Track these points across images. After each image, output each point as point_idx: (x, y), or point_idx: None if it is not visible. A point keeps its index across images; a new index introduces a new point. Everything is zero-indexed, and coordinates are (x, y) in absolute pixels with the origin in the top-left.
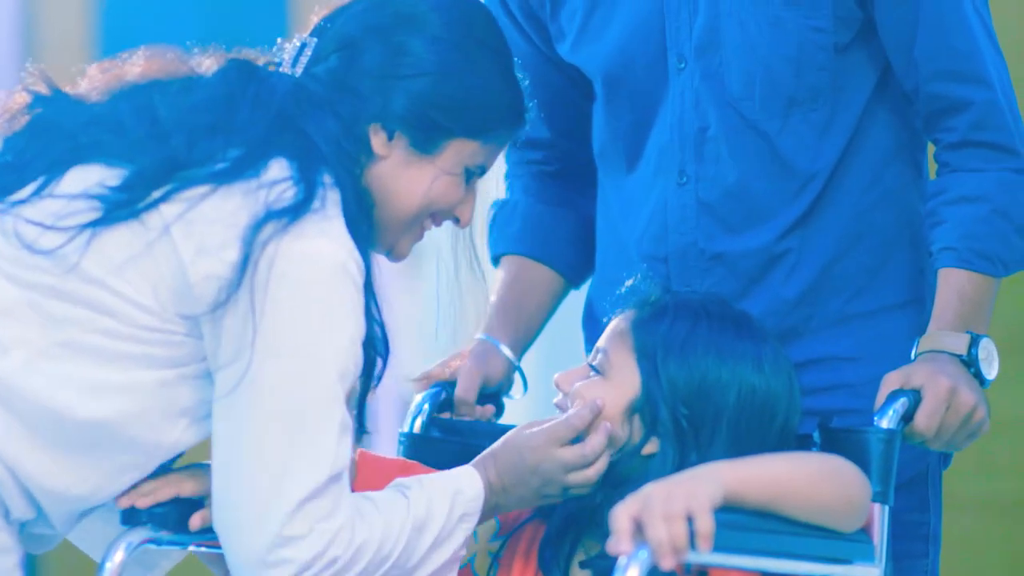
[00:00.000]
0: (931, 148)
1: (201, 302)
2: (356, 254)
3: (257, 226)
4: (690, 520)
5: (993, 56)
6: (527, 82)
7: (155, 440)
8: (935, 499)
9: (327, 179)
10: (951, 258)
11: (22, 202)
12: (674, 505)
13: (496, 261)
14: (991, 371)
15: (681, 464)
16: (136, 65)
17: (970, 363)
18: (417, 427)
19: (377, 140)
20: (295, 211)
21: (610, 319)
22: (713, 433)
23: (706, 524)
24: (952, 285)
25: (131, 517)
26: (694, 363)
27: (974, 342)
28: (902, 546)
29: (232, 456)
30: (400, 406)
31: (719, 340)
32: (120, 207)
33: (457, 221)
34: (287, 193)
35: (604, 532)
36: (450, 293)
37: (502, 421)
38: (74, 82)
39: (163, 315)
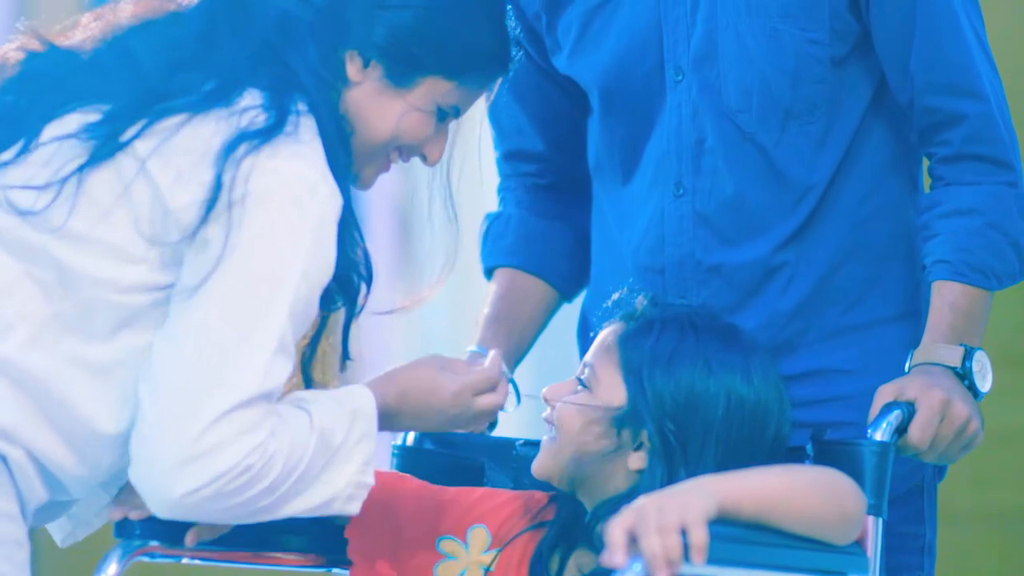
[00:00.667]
0: (925, 162)
1: (182, 228)
2: (331, 180)
3: (230, 146)
4: (684, 533)
5: (988, 70)
6: (518, 31)
7: None
8: (931, 511)
9: (301, 106)
10: (945, 271)
11: (7, 163)
12: (668, 517)
13: (489, 274)
14: (985, 384)
15: (670, 479)
16: (127, 8)
17: (964, 375)
18: (410, 440)
19: (352, 66)
20: (267, 133)
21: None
22: (702, 447)
23: (700, 536)
24: (946, 298)
25: (124, 529)
26: (681, 377)
27: (968, 355)
28: (898, 559)
29: (169, 357)
30: None
31: (706, 353)
32: (102, 143)
33: (425, 159)
34: (259, 118)
35: (596, 547)
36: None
37: (495, 434)
38: (68, 33)
39: (150, 263)
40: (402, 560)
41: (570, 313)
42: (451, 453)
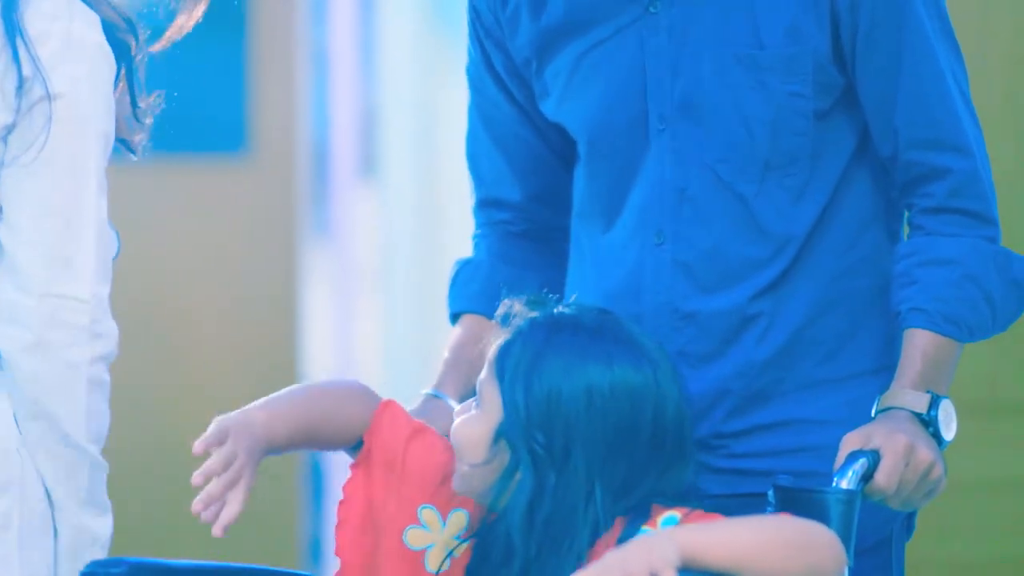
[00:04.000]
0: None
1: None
2: None
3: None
4: None
5: (972, 126)
6: (504, 77)
7: None
8: (897, 562)
9: None
10: (919, 319)
11: None
12: (633, 566)
13: (454, 319)
14: (949, 432)
15: (539, 486)
16: None
17: (929, 423)
18: None
19: None
20: None
21: None
22: (567, 447)
23: None
24: (917, 346)
25: None
26: (540, 384)
27: (934, 402)
28: None
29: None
30: None
31: (568, 350)
32: None
33: None
34: None
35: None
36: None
37: None
38: None
39: None
40: (390, 490)
41: None
42: None
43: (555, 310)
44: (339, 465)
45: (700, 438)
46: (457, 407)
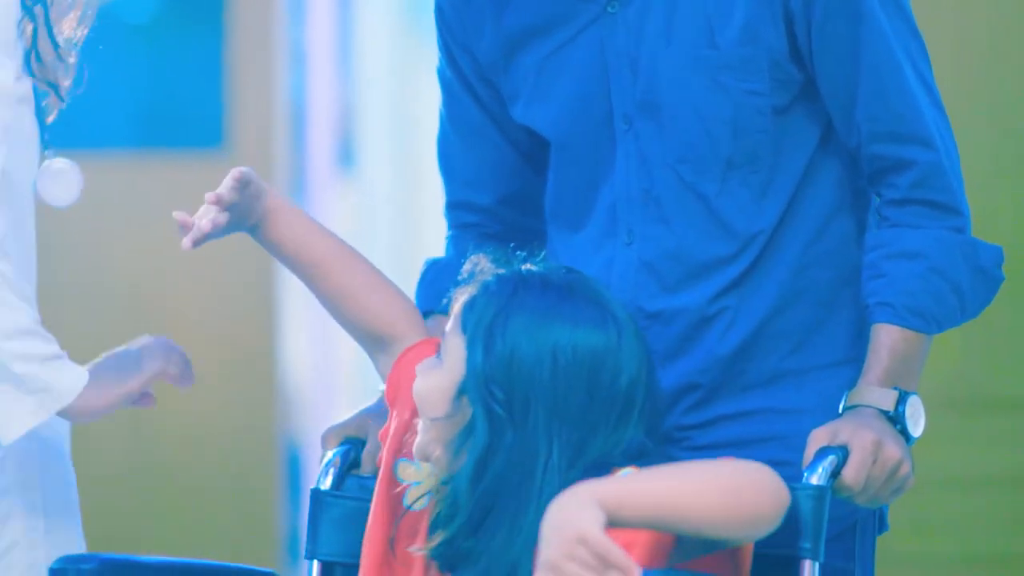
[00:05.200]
0: None
1: None
2: None
3: None
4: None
5: (935, 116)
6: (473, 81)
7: None
8: (863, 549)
9: None
10: (887, 314)
11: None
12: (559, 549)
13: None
14: (916, 429)
15: (494, 443)
16: None
17: (896, 419)
18: (327, 484)
19: None
20: None
21: None
22: (526, 406)
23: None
24: (884, 341)
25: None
26: (503, 341)
27: (902, 399)
28: None
29: None
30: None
31: (534, 309)
32: None
33: None
34: None
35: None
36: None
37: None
38: None
39: None
40: (401, 410)
41: None
42: (370, 499)
43: (523, 267)
44: (316, 462)
45: (664, 431)
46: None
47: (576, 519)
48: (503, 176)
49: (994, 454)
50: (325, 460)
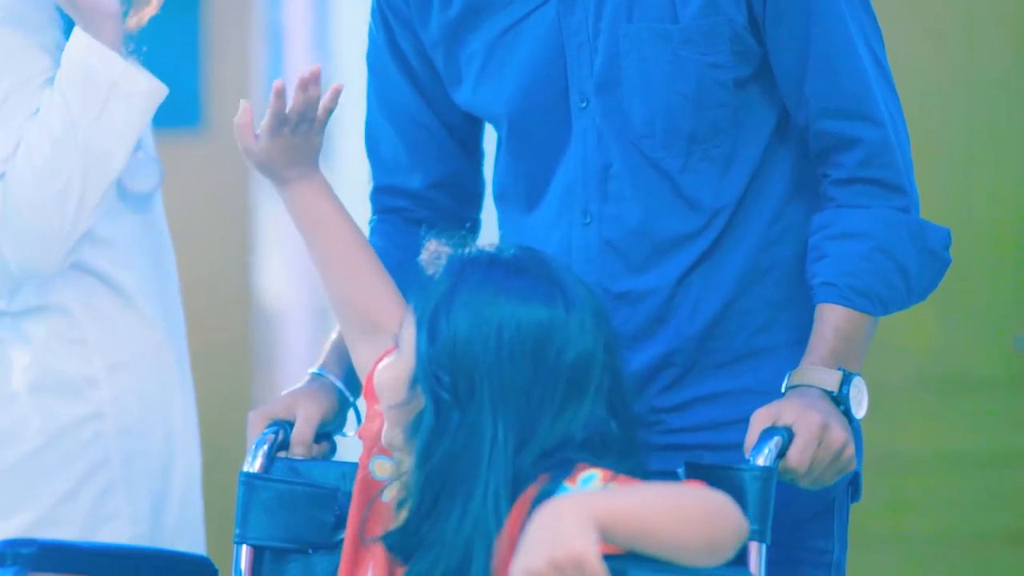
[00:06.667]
0: None
1: None
2: None
3: None
4: None
5: (885, 93)
6: (411, 58)
7: None
8: (840, 529)
9: None
10: (830, 294)
11: None
12: (559, 554)
13: None
14: (860, 410)
15: (440, 425)
16: None
17: (840, 400)
18: (258, 467)
19: None
20: None
21: None
22: (472, 386)
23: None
24: (828, 321)
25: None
26: (448, 323)
27: (846, 380)
28: (805, 574)
29: None
30: None
31: (480, 287)
32: None
33: None
34: None
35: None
36: None
37: (336, 459)
38: None
39: None
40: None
41: None
42: (300, 481)
43: (472, 248)
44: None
45: (637, 415)
46: (340, 384)
47: (573, 538)
48: (435, 160)
49: (969, 433)
50: (253, 443)
